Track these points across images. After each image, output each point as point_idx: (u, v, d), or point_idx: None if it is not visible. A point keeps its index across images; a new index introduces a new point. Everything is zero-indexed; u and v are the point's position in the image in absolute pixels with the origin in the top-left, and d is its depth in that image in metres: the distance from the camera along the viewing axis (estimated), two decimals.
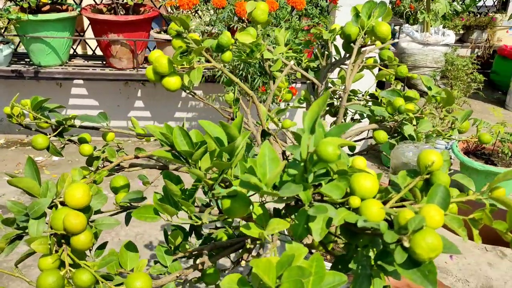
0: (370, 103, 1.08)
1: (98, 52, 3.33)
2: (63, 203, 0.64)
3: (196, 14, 2.78)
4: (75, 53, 3.46)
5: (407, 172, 0.62)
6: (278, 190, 0.52)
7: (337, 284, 0.50)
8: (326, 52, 1.07)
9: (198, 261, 0.69)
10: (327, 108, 1.16)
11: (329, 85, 1.16)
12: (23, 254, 0.68)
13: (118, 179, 0.88)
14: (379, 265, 0.56)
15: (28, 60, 3.19)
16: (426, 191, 0.60)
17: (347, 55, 1.05)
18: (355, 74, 0.89)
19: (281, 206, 0.69)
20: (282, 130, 0.86)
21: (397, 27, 3.03)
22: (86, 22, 3.64)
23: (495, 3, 5.23)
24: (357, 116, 1.19)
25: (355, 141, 1.02)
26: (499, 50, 4.63)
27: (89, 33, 3.24)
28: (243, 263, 0.77)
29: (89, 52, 3.67)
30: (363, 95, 1.16)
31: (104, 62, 3.24)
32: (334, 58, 1.10)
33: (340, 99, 1.21)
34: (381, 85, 3.04)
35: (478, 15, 5.05)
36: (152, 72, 0.74)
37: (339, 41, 0.98)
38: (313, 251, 0.81)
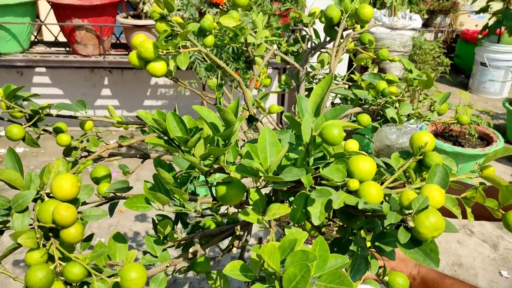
0: (345, 87, 1.09)
1: (61, 38, 3.21)
2: (49, 195, 0.61)
3: None
4: (36, 39, 3.32)
5: (399, 154, 0.63)
6: (277, 175, 0.51)
7: (340, 266, 0.50)
8: (307, 36, 1.07)
9: (191, 250, 0.68)
10: (306, 93, 1.16)
11: (309, 69, 1.15)
12: (6, 249, 0.65)
13: (99, 169, 0.85)
14: (377, 246, 0.57)
15: None
16: (419, 172, 0.61)
17: (328, 39, 1.05)
18: (339, 57, 0.89)
19: (267, 191, 0.68)
20: (269, 114, 0.85)
21: None
22: (42, 7, 3.49)
23: None
24: (337, 100, 1.19)
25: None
26: (462, 34, 4.76)
27: (50, 18, 3.11)
28: (234, 250, 0.77)
29: (46, 39, 3.52)
30: (342, 79, 1.17)
31: (68, 49, 3.12)
32: (314, 42, 1.10)
33: None
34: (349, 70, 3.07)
35: (441, 0, 5.16)
36: (136, 58, 0.71)
37: (318, 25, 0.97)
38: None
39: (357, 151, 0.58)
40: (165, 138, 0.59)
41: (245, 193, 0.61)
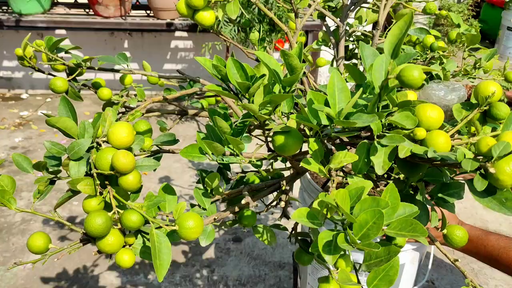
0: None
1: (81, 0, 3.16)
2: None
3: None
4: (56, 1, 3.28)
5: (461, 105, 0.61)
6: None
7: (410, 215, 0.49)
8: None
9: (243, 201, 0.68)
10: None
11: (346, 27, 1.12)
12: (61, 198, 0.65)
13: (141, 123, 0.85)
14: (439, 197, 0.56)
15: (6, 8, 3.02)
16: (483, 123, 0.59)
17: None
18: (388, 9, 0.86)
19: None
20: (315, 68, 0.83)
21: None
22: None
23: None
24: None
25: None
26: None
27: None
28: (282, 203, 0.77)
29: (66, 0, 3.46)
30: (380, 36, 1.13)
31: (88, 11, 3.08)
32: None
33: (355, 42, 1.17)
34: None
35: None
36: (184, 6, 0.69)
37: None
38: None
39: (422, 100, 0.56)
40: (224, 86, 0.57)
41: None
